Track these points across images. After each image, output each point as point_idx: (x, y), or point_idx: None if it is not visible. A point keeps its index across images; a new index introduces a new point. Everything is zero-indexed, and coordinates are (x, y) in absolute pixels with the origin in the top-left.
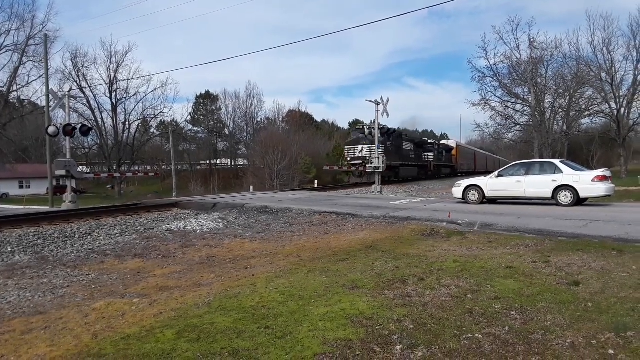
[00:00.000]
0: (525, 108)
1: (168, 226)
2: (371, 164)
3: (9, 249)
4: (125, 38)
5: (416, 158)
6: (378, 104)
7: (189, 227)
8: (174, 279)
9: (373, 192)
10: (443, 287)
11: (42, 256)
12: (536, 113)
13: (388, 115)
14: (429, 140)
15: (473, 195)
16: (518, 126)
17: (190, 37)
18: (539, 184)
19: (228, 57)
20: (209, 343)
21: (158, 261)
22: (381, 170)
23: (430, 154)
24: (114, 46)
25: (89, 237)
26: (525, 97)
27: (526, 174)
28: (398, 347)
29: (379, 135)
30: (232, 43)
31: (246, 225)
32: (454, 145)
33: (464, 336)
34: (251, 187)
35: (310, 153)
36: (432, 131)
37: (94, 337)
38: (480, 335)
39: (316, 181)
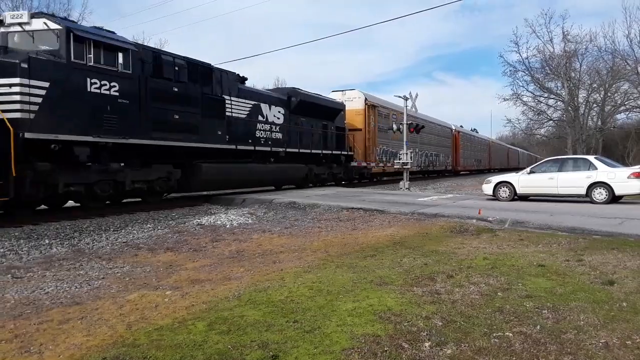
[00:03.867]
0: (559, 103)
1: (199, 220)
2: (399, 160)
3: (47, 242)
4: (157, 35)
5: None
6: (407, 99)
7: (218, 222)
8: (205, 272)
9: (401, 188)
10: (472, 285)
11: (78, 249)
12: (570, 108)
13: (417, 111)
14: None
15: (504, 192)
16: (551, 121)
17: (219, 34)
18: (573, 181)
19: (255, 54)
20: (239, 335)
21: (189, 254)
22: (409, 167)
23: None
24: (147, 43)
25: (122, 231)
26: (558, 91)
27: (559, 170)
28: (427, 344)
29: (408, 130)
30: (261, 39)
31: (274, 221)
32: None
33: (494, 334)
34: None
35: None
36: (460, 127)
37: (129, 328)
38: (510, 334)
39: None
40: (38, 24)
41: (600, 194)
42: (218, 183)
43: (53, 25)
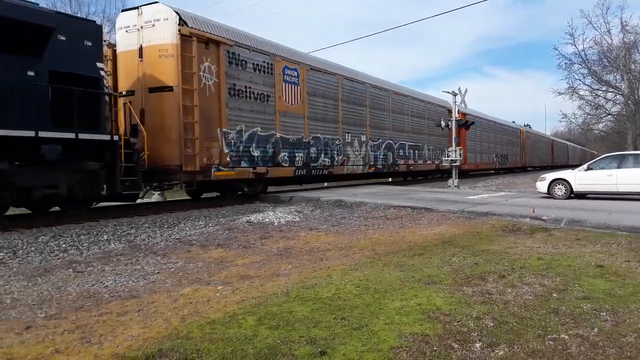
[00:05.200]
0: (618, 96)
1: (248, 218)
2: (448, 157)
3: (105, 237)
4: None
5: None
6: (455, 95)
7: (267, 220)
8: (254, 268)
9: (450, 186)
10: (526, 285)
11: (134, 244)
12: (630, 102)
13: (466, 106)
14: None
15: (559, 190)
16: (609, 116)
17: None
18: (634, 178)
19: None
20: (288, 331)
21: (239, 251)
22: (458, 164)
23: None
24: None
25: (176, 228)
26: (617, 84)
27: (619, 167)
28: (477, 345)
29: (456, 126)
30: (307, 38)
31: (321, 218)
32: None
33: (549, 336)
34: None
35: None
36: (514, 122)
37: (182, 321)
38: (566, 336)
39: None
40: None
41: None
42: None
43: None
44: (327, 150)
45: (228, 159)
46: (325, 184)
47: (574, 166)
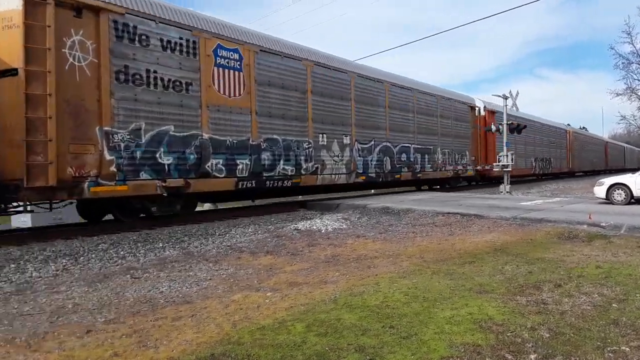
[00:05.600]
0: None
1: (295, 225)
2: (499, 162)
3: (161, 245)
4: None
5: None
6: (506, 98)
7: (314, 227)
8: (302, 275)
9: (501, 192)
10: (584, 295)
11: (188, 251)
12: None
13: (517, 109)
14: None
15: (619, 195)
16: None
17: (314, 43)
18: None
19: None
20: (336, 338)
21: (287, 258)
22: (510, 169)
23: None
24: None
25: (227, 235)
26: None
27: None
28: (532, 356)
29: (508, 131)
30: (353, 44)
31: (368, 226)
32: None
33: (608, 348)
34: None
35: None
36: (568, 124)
37: (234, 326)
38: (627, 348)
39: None
40: None
41: None
42: None
43: None
44: (290, 156)
45: (114, 168)
46: (372, 191)
47: (632, 170)
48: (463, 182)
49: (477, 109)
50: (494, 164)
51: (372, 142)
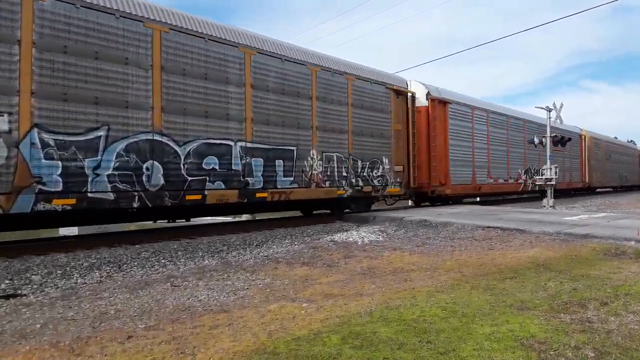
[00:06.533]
0: None
1: (331, 237)
2: (542, 175)
3: (200, 254)
4: None
5: None
6: (550, 110)
7: (350, 239)
8: (338, 287)
9: (544, 206)
10: (631, 314)
11: (226, 261)
12: None
13: (562, 122)
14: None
15: None
16: None
17: (353, 57)
18: None
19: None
20: (372, 351)
21: (323, 270)
22: (553, 182)
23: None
24: None
25: (264, 245)
26: None
27: None
28: None
29: (551, 144)
30: (392, 58)
31: (405, 238)
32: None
33: None
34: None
35: None
36: (615, 137)
37: (269, 336)
38: None
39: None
40: None
41: None
42: None
43: None
44: None
45: None
46: (410, 202)
47: None
48: (383, 200)
49: (408, 95)
50: (544, 176)
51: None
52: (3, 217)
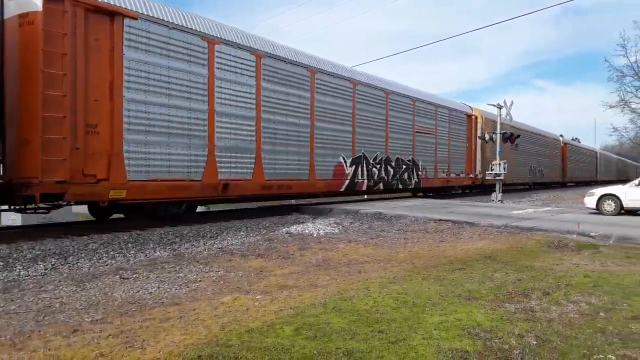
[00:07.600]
0: None
1: (287, 229)
2: (491, 170)
3: (151, 246)
4: None
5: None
6: (500, 107)
7: (306, 231)
8: (293, 279)
9: (493, 200)
10: (571, 303)
11: (178, 253)
12: None
13: (511, 119)
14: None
15: (609, 206)
16: None
17: (313, 48)
18: None
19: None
20: (325, 342)
21: (278, 261)
22: (502, 177)
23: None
24: None
25: (218, 237)
26: None
27: None
28: None
29: (501, 140)
30: (352, 52)
31: (360, 231)
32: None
33: (595, 357)
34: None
35: None
36: (561, 135)
37: (222, 329)
38: (613, 357)
39: None
40: None
41: None
42: None
43: None
44: None
45: None
46: (365, 196)
47: (622, 181)
48: None
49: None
50: (494, 171)
51: None
52: None
